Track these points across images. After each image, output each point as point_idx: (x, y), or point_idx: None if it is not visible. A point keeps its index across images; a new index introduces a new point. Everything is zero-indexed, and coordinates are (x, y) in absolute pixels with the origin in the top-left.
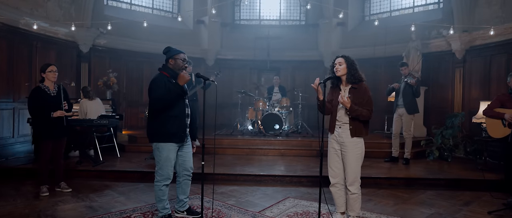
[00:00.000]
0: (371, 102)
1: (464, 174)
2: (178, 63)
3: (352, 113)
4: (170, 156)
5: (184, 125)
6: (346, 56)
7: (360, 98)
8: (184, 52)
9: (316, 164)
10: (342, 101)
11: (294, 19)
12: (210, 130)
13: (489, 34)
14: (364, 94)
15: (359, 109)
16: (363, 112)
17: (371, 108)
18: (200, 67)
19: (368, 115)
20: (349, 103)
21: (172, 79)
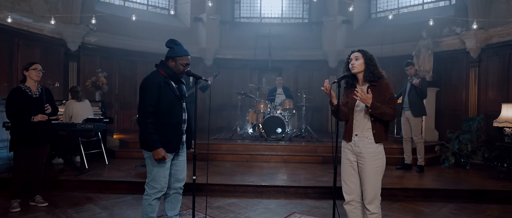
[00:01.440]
0: (394, 100)
1: (488, 184)
2: (179, 67)
3: (375, 111)
4: (164, 166)
5: (180, 132)
6: (364, 50)
7: (381, 96)
8: (189, 54)
9: (323, 172)
10: (361, 98)
11: (296, 17)
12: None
13: (508, 31)
14: (386, 91)
15: (382, 106)
16: (387, 110)
17: (395, 106)
18: (198, 67)
19: (392, 113)
20: (371, 99)
21: (170, 80)
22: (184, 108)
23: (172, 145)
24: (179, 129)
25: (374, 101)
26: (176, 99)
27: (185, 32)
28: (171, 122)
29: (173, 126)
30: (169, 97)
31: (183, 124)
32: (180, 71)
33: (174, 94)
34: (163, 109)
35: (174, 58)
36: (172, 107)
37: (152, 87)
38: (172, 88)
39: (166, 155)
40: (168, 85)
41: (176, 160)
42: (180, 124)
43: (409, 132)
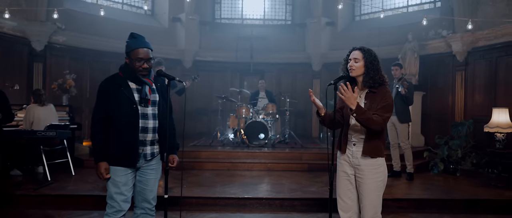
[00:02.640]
0: (387, 109)
1: (480, 192)
2: (133, 64)
3: (359, 116)
4: (118, 182)
5: (137, 143)
6: (365, 50)
7: (376, 104)
8: (147, 46)
9: (309, 182)
10: (344, 96)
11: (279, 19)
12: (185, 140)
13: (494, 34)
14: (382, 99)
15: (368, 112)
16: (374, 117)
17: (384, 115)
18: (177, 69)
19: (379, 122)
20: (355, 100)
21: (128, 81)
22: (149, 114)
23: (126, 157)
24: (134, 138)
25: (359, 105)
26: (130, 103)
27: (163, 32)
28: (125, 130)
29: (127, 135)
30: (121, 101)
31: (147, 132)
32: (136, 69)
33: (127, 98)
34: (114, 115)
35: (128, 54)
36: (126, 113)
37: (101, 91)
38: (127, 91)
39: (105, 172)
40: (120, 88)
41: (141, 176)
42: (135, 131)
43: (396, 138)
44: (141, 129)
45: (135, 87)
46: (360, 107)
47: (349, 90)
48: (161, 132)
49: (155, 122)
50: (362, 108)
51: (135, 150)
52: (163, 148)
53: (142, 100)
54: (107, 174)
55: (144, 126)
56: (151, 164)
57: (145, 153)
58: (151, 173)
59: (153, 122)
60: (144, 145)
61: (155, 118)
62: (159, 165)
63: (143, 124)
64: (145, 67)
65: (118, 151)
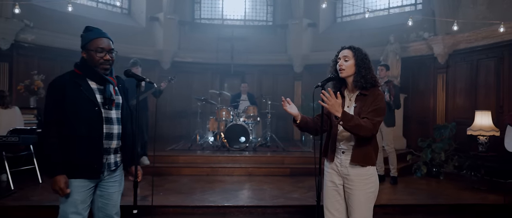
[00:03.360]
0: (379, 113)
1: (465, 196)
2: (93, 57)
3: (347, 123)
4: (75, 199)
5: (100, 150)
6: (355, 48)
7: (367, 107)
8: (107, 36)
9: (292, 187)
10: (327, 104)
11: (260, 19)
12: (163, 144)
13: (475, 37)
14: (373, 102)
15: (356, 117)
16: (363, 122)
17: (375, 120)
18: (155, 71)
19: (369, 127)
20: (340, 106)
21: (87, 79)
22: (113, 118)
23: (89, 168)
24: (98, 146)
25: (346, 111)
26: (91, 105)
27: (140, 32)
28: (83, 135)
29: (90, 142)
30: (80, 103)
31: (112, 139)
32: (97, 62)
33: (88, 98)
34: (71, 118)
35: (85, 47)
36: (86, 116)
37: (54, 89)
38: (86, 90)
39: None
40: (79, 86)
41: (102, 190)
42: (98, 138)
43: (380, 141)
44: (106, 135)
45: (96, 87)
46: (347, 114)
47: (332, 96)
48: (124, 139)
49: (119, 127)
50: (349, 114)
51: (100, 159)
52: (126, 157)
53: (105, 102)
54: (67, 189)
55: (108, 132)
56: (114, 175)
57: (109, 162)
58: (114, 185)
59: (118, 127)
60: (108, 153)
61: (119, 123)
62: (123, 175)
63: (107, 129)
64: (107, 59)
65: (78, 161)
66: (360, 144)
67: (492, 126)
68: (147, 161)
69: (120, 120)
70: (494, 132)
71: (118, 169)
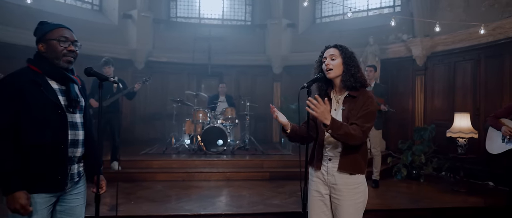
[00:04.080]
0: (369, 118)
1: (447, 199)
2: (56, 48)
3: (336, 132)
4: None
5: (64, 159)
6: (342, 46)
7: (356, 111)
8: (68, 27)
9: (272, 192)
10: (315, 111)
11: (239, 19)
12: (136, 148)
13: (452, 40)
14: (363, 105)
15: (345, 125)
16: (353, 131)
17: (365, 126)
18: (128, 71)
19: (359, 135)
20: (329, 113)
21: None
22: (78, 123)
23: (53, 180)
24: (62, 155)
25: (335, 119)
26: (54, 108)
27: (112, 30)
28: (46, 144)
29: (53, 151)
30: (40, 105)
31: (77, 146)
32: (59, 53)
33: (50, 101)
34: (30, 124)
35: (43, 38)
36: (48, 121)
37: (7, 90)
38: (48, 91)
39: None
40: (38, 86)
41: (64, 204)
42: (63, 146)
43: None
44: (70, 141)
45: (57, 87)
46: (336, 121)
47: (320, 103)
48: (88, 145)
49: (84, 132)
50: (338, 122)
51: (64, 170)
52: (90, 166)
53: (70, 104)
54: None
55: (74, 138)
56: (77, 186)
57: (73, 173)
58: (77, 198)
59: (82, 132)
60: (72, 162)
61: (83, 128)
62: (85, 187)
63: (73, 136)
64: (72, 50)
65: (39, 173)
66: (348, 150)
67: (471, 128)
68: (118, 167)
69: (83, 125)
70: (473, 134)
71: (81, 180)
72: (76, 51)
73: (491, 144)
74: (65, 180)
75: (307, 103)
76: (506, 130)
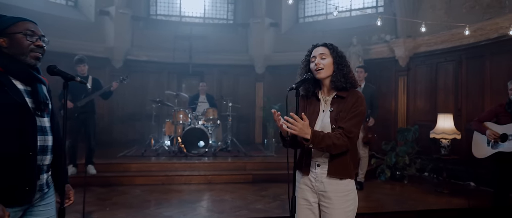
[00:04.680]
0: (358, 120)
1: (431, 201)
2: (20, 42)
3: (318, 145)
4: None
5: (32, 168)
6: (331, 45)
7: (345, 113)
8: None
9: (255, 196)
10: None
11: (221, 18)
12: (114, 150)
13: (434, 41)
14: (352, 107)
15: (328, 136)
16: (337, 141)
17: (352, 132)
18: (105, 69)
19: (344, 144)
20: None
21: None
22: (47, 127)
23: (16, 192)
24: (31, 163)
25: (315, 130)
26: (22, 111)
27: (89, 27)
28: (12, 151)
29: (20, 159)
30: (5, 108)
31: (46, 154)
32: (25, 48)
33: (16, 102)
34: None
35: (5, 32)
36: (15, 126)
37: None
38: (12, 91)
39: (4, 214)
40: (2, 87)
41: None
42: (32, 153)
43: None
44: (40, 148)
45: (23, 88)
46: (317, 134)
47: (297, 120)
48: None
49: (52, 138)
50: (320, 135)
51: (33, 180)
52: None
53: (38, 107)
54: None
55: (43, 145)
56: (47, 197)
57: (42, 183)
58: (46, 209)
59: (51, 138)
60: (41, 171)
61: (52, 133)
62: (54, 197)
63: (42, 142)
64: (40, 45)
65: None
66: (336, 154)
67: (454, 129)
68: (94, 170)
69: (51, 129)
70: (456, 135)
71: (50, 190)
72: (44, 47)
73: (477, 148)
74: (33, 191)
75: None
76: (490, 134)
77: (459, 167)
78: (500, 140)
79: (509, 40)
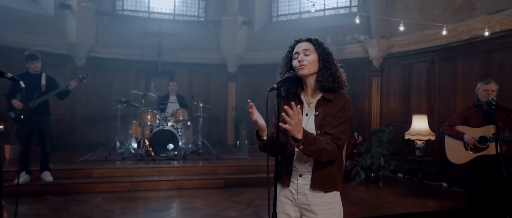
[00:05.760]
0: (347, 127)
1: (407, 203)
2: None
3: (308, 148)
4: None
5: None
6: (317, 41)
7: (332, 118)
8: None
9: (227, 203)
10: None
11: (191, 15)
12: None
13: (408, 41)
14: (340, 111)
15: (319, 139)
16: (328, 146)
17: (341, 139)
18: (66, 67)
19: (333, 151)
20: (301, 125)
21: None
22: None
23: None
24: None
25: (307, 131)
26: None
27: (48, 21)
28: None
29: None
30: None
31: None
32: None
33: None
34: None
35: None
36: None
37: None
38: None
39: None
40: None
41: None
42: None
43: None
44: None
45: None
46: (309, 136)
47: (298, 112)
48: None
49: None
50: (311, 136)
51: None
52: None
53: None
54: None
55: None
56: None
57: None
58: None
59: None
60: None
61: None
62: None
63: None
64: None
65: None
66: (321, 163)
67: (429, 130)
68: (50, 177)
69: None
70: (430, 136)
71: None
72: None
73: (454, 153)
74: None
75: (282, 116)
76: (470, 138)
77: (432, 168)
78: (478, 143)
79: (480, 41)
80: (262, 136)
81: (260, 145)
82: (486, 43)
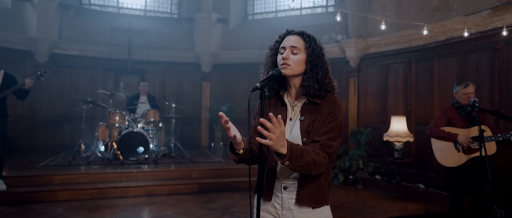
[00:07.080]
0: (337, 134)
1: (387, 207)
2: None
3: (295, 164)
4: None
5: None
6: (308, 35)
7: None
8: None
9: (201, 209)
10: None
11: (164, 11)
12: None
13: (385, 42)
14: (329, 115)
15: (306, 151)
16: (315, 157)
17: (333, 147)
18: (26, 64)
19: (324, 162)
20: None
21: None
22: None
23: None
24: None
25: (291, 143)
26: None
27: (4, 14)
28: None
29: None
30: None
31: None
32: None
33: None
34: None
35: None
36: None
37: None
38: None
39: None
40: None
41: None
42: None
43: None
44: None
45: None
46: (294, 148)
47: (280, 123)
48: None
49: None
50: (298, 149)
51: None
52: None
53: None
54: None
55: None
56: None
57: None
58: None
59: None
60: None
61: None
62: None
63: None
64: None
65: None
66: (308, 176)
67: (407, 131)
68: (3, 186)
69: None
70: (409, 138)
71: None
72: None
73: (445, 156)
74: None
75: (258, 129)
76: (465, 140)
77: (410, 170)
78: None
79: (456, 42)
80: (237, 150)
81: (235, 160)
82: (462, 44)
